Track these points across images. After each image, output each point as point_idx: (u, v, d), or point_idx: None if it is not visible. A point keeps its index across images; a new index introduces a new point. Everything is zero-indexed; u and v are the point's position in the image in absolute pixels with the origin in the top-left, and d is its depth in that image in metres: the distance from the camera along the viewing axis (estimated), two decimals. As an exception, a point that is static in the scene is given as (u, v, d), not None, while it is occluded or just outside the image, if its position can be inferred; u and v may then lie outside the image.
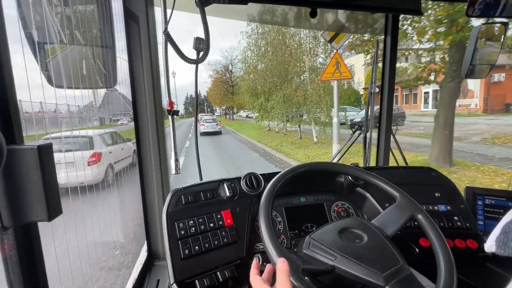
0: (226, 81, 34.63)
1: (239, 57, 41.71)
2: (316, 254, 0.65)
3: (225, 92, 34.15)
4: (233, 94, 32.56)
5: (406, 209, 0.73)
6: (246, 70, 14.00)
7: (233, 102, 34.06)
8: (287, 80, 11.12)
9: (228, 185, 0.91)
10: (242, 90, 14.59)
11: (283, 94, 10.55)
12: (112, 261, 1.78)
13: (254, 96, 12.91)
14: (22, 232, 0.42)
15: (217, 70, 35.04)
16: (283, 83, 11.01)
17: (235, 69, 33.23)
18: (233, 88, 33.01)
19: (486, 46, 1.10)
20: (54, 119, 1.22)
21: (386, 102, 1.49)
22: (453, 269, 0.60)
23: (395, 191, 0.78)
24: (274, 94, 11.07)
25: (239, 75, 14.20)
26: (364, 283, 0.59)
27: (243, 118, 39.03)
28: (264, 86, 11.78)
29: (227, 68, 34.52)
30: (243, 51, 14.01)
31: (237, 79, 31.64)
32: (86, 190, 1.27)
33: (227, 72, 34.71)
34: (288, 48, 11.29)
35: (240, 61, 13.64)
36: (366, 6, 1.12)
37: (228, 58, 33.83)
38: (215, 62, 34.60)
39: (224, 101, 35.31)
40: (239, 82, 15.29)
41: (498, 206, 1.05)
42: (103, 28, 0.85)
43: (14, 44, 0.47)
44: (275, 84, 11.29)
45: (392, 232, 0.70)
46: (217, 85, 34.87)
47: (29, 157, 0.39)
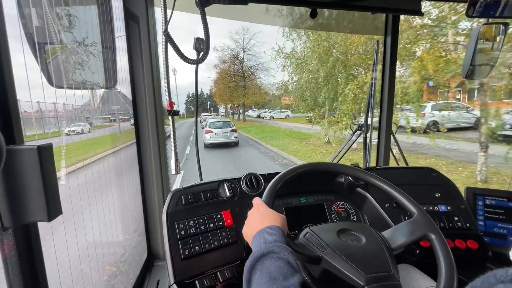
0: (237, 73, 28.06)
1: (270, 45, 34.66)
2: (310, 244, 0.67)
3: (235, 87, 27.63)
4: (245, 88, 27.28)
5: (420, 227, 0.70)
6: (299, 65, 8.97)
7: (245, 99, 27.79)
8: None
9: (228, 185, 0.91)
10: (293, 88, 10.27)
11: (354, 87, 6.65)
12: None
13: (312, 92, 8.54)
14: (22, 232, 0.42)
15: (224, 60, 27.65)
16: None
17: (249, 56, 27.28)
18: (245, 81, 27.51)
19: (487, 46, 1.10)
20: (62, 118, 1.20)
21: (386, 103, 1.49)
22: (453, 270, 0.60)
23: (414, 207, 0.74)
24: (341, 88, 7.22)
25: (290, 72, 9.86)
26: (345, 279, 0.59)
27: (255, 119, 32.79)
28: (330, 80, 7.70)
29: (237, 56, 27.61)
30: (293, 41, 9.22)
31: (249, 69, 27.29)
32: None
33: (237, 62, 27.93)
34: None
35: (285, 55, 9.55)
36: (366, 6, 1.12)
37: (239, 42, 27.08)
38: (221, 48, 27.32)
39: (233, 98, 28.34)
40: (289, 84, 10.64)
41: (498, 207, 1.05)
42: (103, 28, 0.86)
43: (15, 44, 0.47)
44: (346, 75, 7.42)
45: (397, 246, 0.67)
46: (224, 78, 27.77)
47: (29, 157, 0.39)
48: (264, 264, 0.50)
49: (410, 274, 0.78)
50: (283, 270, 0.48)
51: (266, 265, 0.49)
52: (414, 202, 0.76)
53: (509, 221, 1.02)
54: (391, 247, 0.67)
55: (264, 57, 31.59)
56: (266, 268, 0.49)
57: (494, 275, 0.30)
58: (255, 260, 0.51)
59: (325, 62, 7.94)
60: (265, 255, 0.51)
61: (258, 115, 35.19)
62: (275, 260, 0.50)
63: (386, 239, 0.69)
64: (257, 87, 28.17)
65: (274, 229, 0.59)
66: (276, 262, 0.50)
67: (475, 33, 1.07)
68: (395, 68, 1.48)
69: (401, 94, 5.53)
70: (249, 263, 0.51)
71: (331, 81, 7.94)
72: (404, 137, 5.67)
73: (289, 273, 0.48)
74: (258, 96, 28.03)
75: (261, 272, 0.48)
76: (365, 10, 1.13)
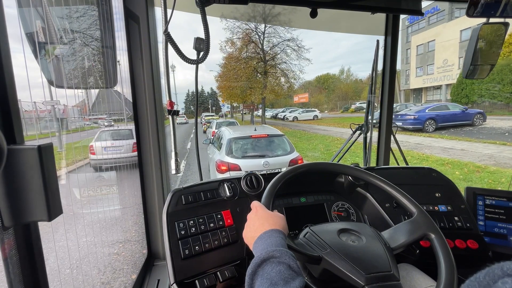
0: (255, 54, 18.47)
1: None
2: (310, 244, 0.67)
3: (250, 76, 18.48)
4: (266, 74, 18.30)
5: (420, 227, 0.69)
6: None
7: (264, 93, 18.54)
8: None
9: (228, 185, 0.91)
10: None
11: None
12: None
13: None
14: (23, 232, 0.42)
15: (232, 41, 18.36)
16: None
17: (272, 30, 17.57)
18: (266, 66, 18.17)
19: (487, 46, 1.10)
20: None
21: (386, 102, 1.49)
22: (453, 270, 0.60)
23: (414, 207, 0.74)
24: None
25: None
26: (345, 279, 0.59)
27: (270, 120, 24.53)
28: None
29: (257, 28, 17.73)
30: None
31: (271, 49, 17.81)
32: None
33: (255, 35, 18.08)
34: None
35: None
36: (366, 6, 1.12)
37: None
38: (232, 26, 17.40)
39: (250, 92, 18.90)
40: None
41: (498, 207, 1.05)
42: (104, 28, 0.85)
43: (15, 44, 0.47)
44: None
45: (397, 246, 0.67)
46: (233, 68, 18.72)
47: (29, 157, 0.39)
48: (265, 270, 0.50)
49: (410, 274, 0.78)
50: (284, 275, 0.48)
51: (267, 270, 0.50)
52: (414, 202, 0.76)
53: (509, 221, 1.02)
54: (391, 247, 0.67)
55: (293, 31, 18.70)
56: (267, 273, 0.49)
57: (501, 267, 0.29)
58: (256, 266, 0.51)
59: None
60: (266, 261, 0.51)
61: (275, 115, 26.32)
62: (276, 265, 0.50)
63: (386, 239, 0.70)
64: (283, 75, 19.31)
65: (275, 232, 0.59)
66: (277, 267, 0.50)
67: (475, 33, 1.07)
68: (395, 68, 1.48)
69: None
70: (251, 269, 0.51)
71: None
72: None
73: (290, 277, 0.48)
74: (280, 89, 19.51)
75: (262, 278, 0.49)
76: (365, 10, 1.13)
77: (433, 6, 20.71)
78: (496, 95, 11.91)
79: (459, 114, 11.52)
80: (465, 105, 12.79)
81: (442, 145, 8.50)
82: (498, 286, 0.27)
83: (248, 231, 0.65)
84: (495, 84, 10.67)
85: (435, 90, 22.28)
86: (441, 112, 11.48)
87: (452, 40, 17.00)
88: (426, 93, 23.78)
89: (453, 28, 16.68)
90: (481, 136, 9.26)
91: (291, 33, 18.42)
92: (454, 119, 11.43)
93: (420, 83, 23.86)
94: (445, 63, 18.64)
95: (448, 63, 18.45)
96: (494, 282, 0.28)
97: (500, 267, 0.29)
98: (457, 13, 18.51)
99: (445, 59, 18.73)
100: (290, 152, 4.36)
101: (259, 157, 4.14)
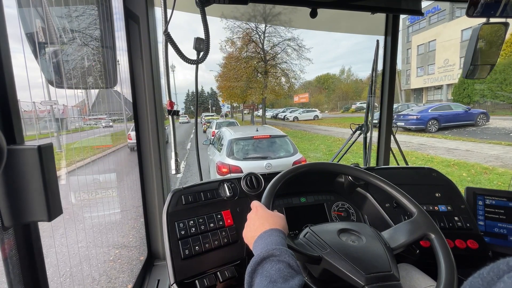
0: (254, 54, 18.64)
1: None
2: (310, 243, 0.67)
3: (251, 75, 18.69)
4: (266, 74, 18.63)
5: (420, 227, 0.69)
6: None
7: (264, 93, 18.68)
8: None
9: (228, 185, 0.91)
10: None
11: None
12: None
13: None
14: (23, 232, 0.42)
15: (232, 41, 18.57)
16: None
17: (272, 30, 17.91)
18: (266, 66, 18.43)
19: (487, 46, 1.10)
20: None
21: (386, 102, 1.49)
22: (453, 270, 0.60)
23: (414, 207, 0.74)
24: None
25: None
26: (345, 279, 0.59)
27: (270, 120, 24.94)
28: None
29: (257, 27, 18.04)
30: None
31: (272, 48, 18.12)
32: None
33: (255, 35, 18.29)
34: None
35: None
36: (366, 6, 1.12)
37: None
38: (232, 25, 17.56)
39: (250, 91, 19.15)
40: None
41: (498, 207, 1.05)
42: (103, 28, 0.86)
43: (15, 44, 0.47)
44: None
45: (397, 246, 0.67)
46: (233, 68, 19.01)
47: (29, 157, 0.39)
48: (264, 268, 0.50)
49: (410, 274, 0.78)
50: (283, 273, 0.48)
51: (266, 268, 0.50)
52: (414, 202, 0.75)
53: (509, 221, 1.02)
54: (391, 247, 0.67)
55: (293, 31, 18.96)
56: (267, 271, 0.49)
57: (507, 262, 0.28)
58: (256, 264, 0.52)
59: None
60: (266, 259, 0.52)
61: (275, 115, 26.85)
62: (276, 263, 0.50)
63: (386, 239, 0.70)
64: (284, 75, 19.62)
65: (275, 232, 0.59)
66: (277, 265, 0.50)
67: (475, 33, 1.07)
68: (395, 68, 1.48)
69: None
70: (250, 267, 0.52)
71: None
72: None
73: (289, 275, 0.48)
74: (281, 89, 19.78)
75: (262, 276, 0.49)
76: (365, 10, 1.13)
77: (433, 5, 20.90)
78: (499, 95, 11.87)
79: (462, 114, 11.43)
80: (467, 105, 12.72)
81: (446, 145, 8.42)
82: (504, 280, 0.26)
83: (248, 230, 0.66)
84: (498, 84, 10.65)
85: (436, 90, 22.29)
86: (444, 112, 11.37)
87: (453, 39, 17.08)
88: (427, 93, 23.78)
89: (454, 28, 16.75)
90: (485, 136, 9.19)
91: (291, 32, 18.46)
92: (457, 119, 11.34)
93: (421, 83, 23.88)
94: (446, 63, 18.70)
95: (449, 63, 18.53)
96: (500, 277, 0.27)
97: (506, 262, 0.29)
98: (458, 12, 18.68)
99: (446, 59, 18.78)
100: (293, 153, 4.22)
101: (261, 159, 4.01)
